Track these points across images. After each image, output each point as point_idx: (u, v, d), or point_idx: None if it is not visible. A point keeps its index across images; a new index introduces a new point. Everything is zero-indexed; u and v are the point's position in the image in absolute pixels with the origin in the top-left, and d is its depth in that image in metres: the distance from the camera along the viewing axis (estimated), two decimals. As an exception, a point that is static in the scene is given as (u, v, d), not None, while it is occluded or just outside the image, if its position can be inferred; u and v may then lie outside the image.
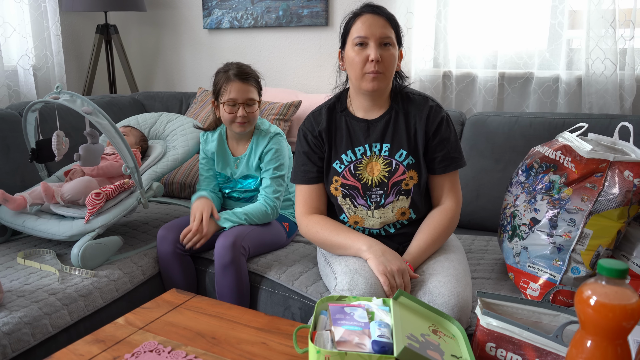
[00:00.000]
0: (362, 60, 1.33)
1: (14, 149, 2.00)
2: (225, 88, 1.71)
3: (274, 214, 1.74)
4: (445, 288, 1.24)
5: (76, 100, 1.65)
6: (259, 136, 1.78)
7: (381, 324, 1.00)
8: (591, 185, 1.33)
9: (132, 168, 1.68)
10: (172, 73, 3.08)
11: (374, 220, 1.44)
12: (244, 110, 1.70)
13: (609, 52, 1.93)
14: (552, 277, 1.36)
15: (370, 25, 1.33)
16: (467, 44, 2.21)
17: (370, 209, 1.42)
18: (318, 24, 2.55)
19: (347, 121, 1.44)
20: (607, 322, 0.73)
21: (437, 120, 1.39)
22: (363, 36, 1.33)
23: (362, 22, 1.34)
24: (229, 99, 1.70)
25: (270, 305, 1.60)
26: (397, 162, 1.40)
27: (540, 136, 1.84)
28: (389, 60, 1.34)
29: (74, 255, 1.57)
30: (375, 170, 1.41)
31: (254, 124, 1.77)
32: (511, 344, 1.02)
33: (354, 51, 1.35)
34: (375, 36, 1.32)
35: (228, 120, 1.73)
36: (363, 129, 1.43)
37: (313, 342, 0.94)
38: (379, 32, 1.32)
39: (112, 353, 1.06)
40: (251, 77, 1.74)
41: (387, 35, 1.33)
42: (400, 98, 1.43)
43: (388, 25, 1.34)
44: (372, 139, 1.42)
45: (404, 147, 1.40)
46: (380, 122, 1.42)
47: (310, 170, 1.46)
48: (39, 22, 2.52)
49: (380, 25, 1.33)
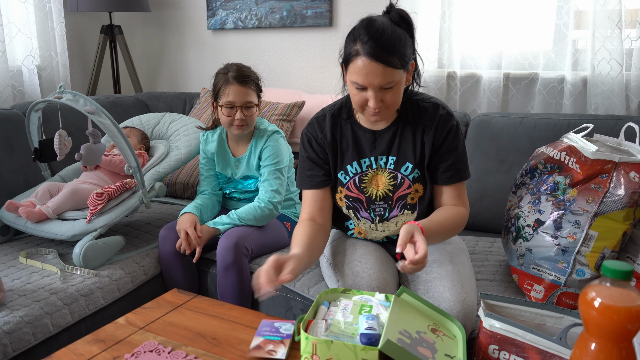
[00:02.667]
0: (362, 100, 1.23)
1: (18, 149, 2.00)
2: (223, 90, 1.69)
3: (270, 209, 1.70)
4: (450, 293, 1.22)
5: (79, 99, 1.65)
6: (257, 136, 1.78)
7: (369, 317, 1.02)
8: (596, 187, 1.32)
9: (135, 168, 1.68)
10: (176, 73, 3.09)
11: (377, 233, 1.41)
12: (241, 114, 1.69)
13: (615, 52, 1.91)
14: (557, 279, 1.34)
15: (367, 74, 1.18)
16: (471, 44, 2.19)
17: (374, 222, 1.39)
18: (322, 24, 2.54)
19: (353, 130, 1.37)
20: (611, 325, 0.72)
21: (445, 129, 1.32)
22: (360, 84, 1.20)
23: (360, 67, 1.18)
24: (227, 102, 1.68)
25: (272, 306, 1.60)
26: (403, 175, 1.34)
27: (545, 137, 1.82)
28: (391, 100, 1.23)
29: (76, 254, 1.57)
30: (380, 184, 1.36)
31: (252, 126, 1.76)
32: (514, 346, 1.00)
33: (353, 88, 1.23)
34: (374, 85, 1.19)
35: (226, 123, 1.72)
36: (369, 140, 1.36)
37: (308, 330, 1.00)
38: (377, 81, 1.18)
39: (112, 353, 1.05)
40: (250, 80, 1.71)
41: (388, 82, 1.19)
42: (410, 107, 1.33)
43: (389, 69, 1.17)
44: (378, 152, 1.35)
45: (410, 160, 1.34)
46: (387, 133, 1.35)
47: (317, 174, 1.39)
48: (43, 23, 2.52)
49: (378, 74, 1.17)
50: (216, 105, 1.74)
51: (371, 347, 0.92)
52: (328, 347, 0.93)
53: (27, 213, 1.64)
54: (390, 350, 0.90)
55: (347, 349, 0.93)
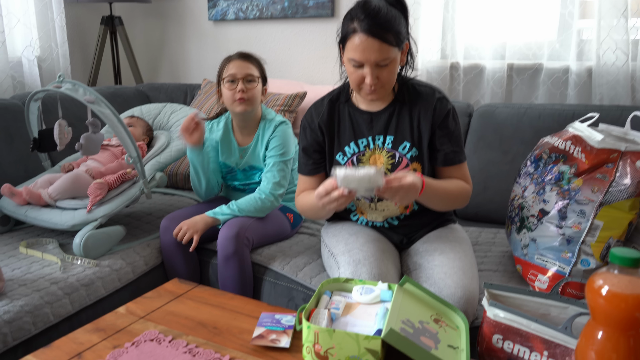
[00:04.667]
0: (359, 78, 1.28)
1: (18, 139, 1.99)
2: (226, 68, 1.72)
3: (271, 201, 1.69)
4: (452, 280, 1.23)
5: (78, 89, 1.64)
6: (265, 125, 1.77)
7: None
8: (602, 176, 1.30)
9: (135, 158, 1.67)
10: (177, 64, 3.07)
11: (376, 213, 1.42)
12: (243, 85, 1.69)
13: (620, 42, 1.89)
14: (561, 269, 1.33)
15: (364, 49, 1.23)
16: (475, 34, 2.17)
17: (373, 201, 1.41)
18: (324, 15, 2.52)
19: (350, 112, 1.42)
20: (619, 313, 0.71)
21: (443, 112, 1.36)
22: (357, 60, 1.25)
23: (357, 43, 1.23)
24: (228, 75, 1.70)
25: (273, 297, 1.59)
26: (401, 154, 1.37)
27: (549, 128, 1.80)
28: (387, 77, 1.28)
29: (76, 244, 1.56)
30: (378, 163, 1.39)
31: (255, 104, 1.74)
32: (519, 335, 0.99)
33: (350, 66, 1.28)
34: (370, 61, 1.24)
35: (229, 99, 1.71)
36: (366, 121, 1.40)
37: (310, 319, 0.99)
38: (373, 57, 1.23)
39: (112, 342, 1.04)
40: (252, 58, 1.75)
41: (384, 58, 1.24)
42: (406, 90, 1.39)
43: (385, 45, 1.23)
44: (375, 131, 1.39)
45: (408, 139, 1.37)
46: (384, 114, 1.39)
47: (307, 162, 1.46)
48: (43, 13, 2.50)
49: (375, 50, 1.22)
50: (220, 88, 1.75)
51: (374, 336, 0.91)
52: (330, 336, 0.93)
53: (28, 192, 1.65)
54: (393, 340, 0.89)
55: (350, 338, 0.92)
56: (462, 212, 1.97)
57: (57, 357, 1.00)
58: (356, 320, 1.02)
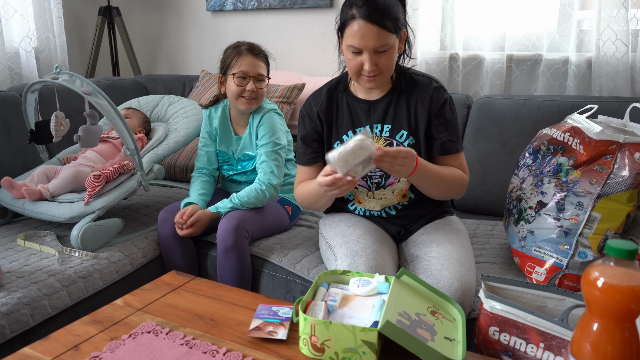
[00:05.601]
0: (357, 65, 1.29)
1: (15, 131, 1.99)
2: (236, 61, 1.69)
3: (270, 190, 1.68)
4: (448, 271, 1.23)
5: (75, 80, 1.63)
6: (255, 113, 1.76)
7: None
8: (600, 168, 1.30)
9: (132, 150, 1.66)
10: (175, 56, 3.05)
11: (374, 202, 1.43)
12: (253, 85, 1.68)
13: (620, 33, 1.87)
14: (559, 262, 1.33)
15: (363, 35, 1.24)
16: (474, 25, 2.16)
17: (371, 189, 1.41)
18: (322, 5, 2.50)
19: (348, 101, 1.43)
20: (614, 305, 0.71)
21: (440, 101, 1.37)
22: (356, 47, 1.26)
23: (356, 29, 1.25)
24: (240, 71, 1.68)
25: (271, 289, 1.59)
26: (398, 142, 1.38)
27: (548, 119, 1.80)
28: (385, 64, 1.29)
29: (74, 236, 1.56)
30: None
31: (260, 103, 1.74)
32: (515, 328, 0.99)
33: (349, 53, 1.30)
34: (369, 47, 1.25)
35: (235, 94, 1.70)
36: (364, 109, 1.41)
37: (307, 311, 0.99)
38: (372, 43, 1.24)
39: (109, 334, 1.04)
40: (262, 54, 1.74)
41: (382, 44, 1.25)
42: (404, 79, 1.41)
43: (383, 31, 1.24)
44: (373, 120, 1.41)
45: (405, 127, 1.38)
46: (381, 103, 1.40)
47: (305, 152, 1.47)
48: (40, 4, 2.49)
49: (374, 36, 1.24)
50: (225, 78, 1.73)
51: (370, 328, 0.91)
52: (327, 328, 0.93)
53: (29, 192, 1.64)
54: (390, 332, 0.89)
55: (346, 330, 0.92)
56: (460, 204, 1.97)
57: (54, 349, 1.00)
58: (353, 312, 1.03)
